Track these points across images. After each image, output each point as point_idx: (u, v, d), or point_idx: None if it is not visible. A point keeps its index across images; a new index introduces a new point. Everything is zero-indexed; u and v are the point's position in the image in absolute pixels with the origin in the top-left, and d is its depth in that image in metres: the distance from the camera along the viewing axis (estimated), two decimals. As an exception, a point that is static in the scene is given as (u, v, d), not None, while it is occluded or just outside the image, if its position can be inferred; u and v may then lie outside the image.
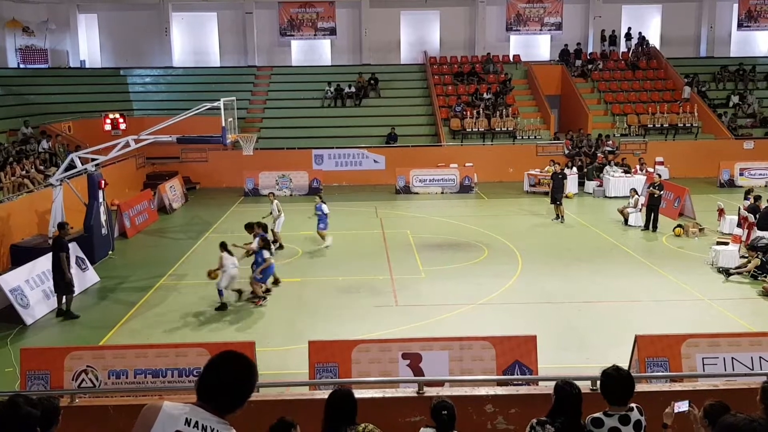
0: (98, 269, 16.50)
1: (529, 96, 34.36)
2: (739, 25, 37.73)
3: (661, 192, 20.32)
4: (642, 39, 36.61)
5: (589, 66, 35.36)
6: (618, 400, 4.94)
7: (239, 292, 14.49)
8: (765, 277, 14.87)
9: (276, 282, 15.29)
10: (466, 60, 36.33)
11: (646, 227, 20.21)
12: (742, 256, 16.08)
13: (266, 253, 14.40)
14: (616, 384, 4.94)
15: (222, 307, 13.87)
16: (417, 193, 27.32)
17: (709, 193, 25.06)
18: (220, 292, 13.94)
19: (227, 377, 3.22)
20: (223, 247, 14.26)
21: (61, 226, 14.28)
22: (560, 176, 22.02)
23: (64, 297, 13.72)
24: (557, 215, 21.71)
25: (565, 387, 5.03)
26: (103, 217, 18.06)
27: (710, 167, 28.17)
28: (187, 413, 3.12)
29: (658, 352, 8.89)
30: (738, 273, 15.37)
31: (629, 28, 37.01)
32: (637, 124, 31.58)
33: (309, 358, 8.82)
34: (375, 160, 29.62)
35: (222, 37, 36.85)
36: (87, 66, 36.06)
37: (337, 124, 31.98)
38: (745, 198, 18.69)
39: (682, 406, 4.89)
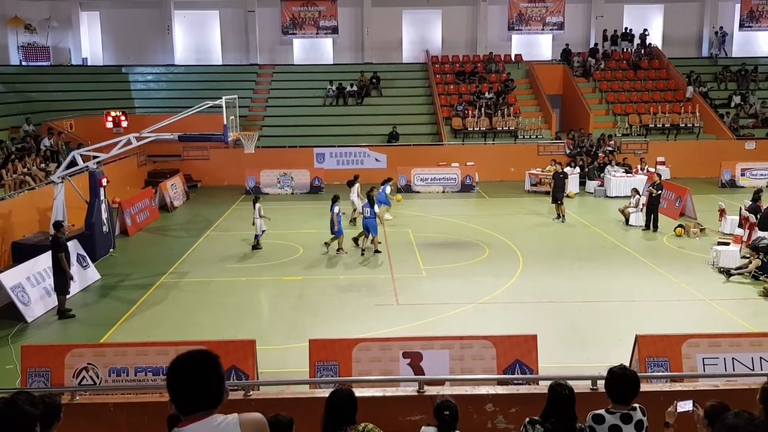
0: (99, 267, 16.51)
1: (530, 95, 34.34)
2: (741, 26, 37.68)
3: (660, 191, 20.29)
4: (644, 38, 36.55)
5: (596, 63, 35.29)
6: (622, 399, 4.95)
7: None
8: (766, 277, 14.85)
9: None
10: (468, 59, 36.32)
11: (647, 227, 20.20)
12: (743, 257, 16.07)
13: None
14: (621, 383, 4.96)
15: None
16: (418, 192, 27.33)
17: (711, 194, 25.04)
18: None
19: (201, 383, 3.11)
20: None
21: (57, 225, 14.14)
22: (561, 176, 22.02)
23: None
24: (558, 215, 21.70)
25: (557, 388, 5.07)
26: (104, 215, 18.08)
27: (712, 167, 28.14)
28: None
29: (658, 352, 8.89)
30: (739, 273, 15.36)
31: (627, 29, 36.94)
32: (638, 124, 31.56)
33: (309, 356, 8.83)
34: (376, 159, 29.62)
35: (224, 35, 36.86)
36: (89, 64, 36.09)
37: (339, 123, 31.98)
38: (753, 199, 18.57)
39: (685, 406, 4.88)
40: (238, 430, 3.11)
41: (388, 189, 21.77)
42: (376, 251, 17.79)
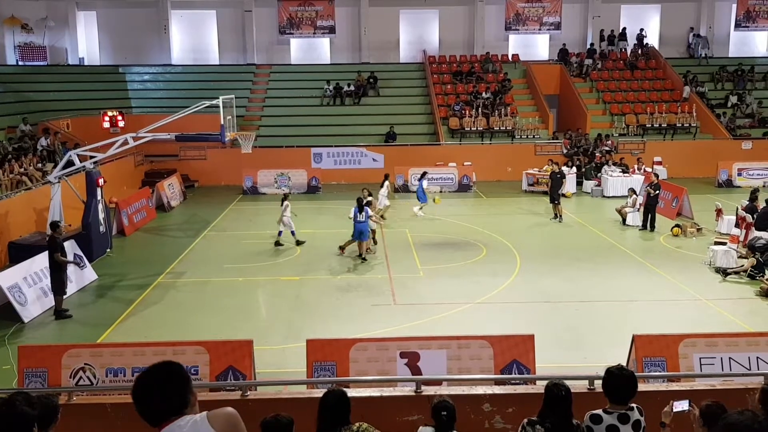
0: (96, 267, 16.48)
1: (527, 95, 34.38)
2: (737, 26, 37.73)
3: (657, 192, 20.31)
4: (641, 38, 36.60)
5: (593, 63, 35.33)
6: (619, 399, 4.97)
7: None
8: (762, 276, 14.89)
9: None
10: (465, 59, 36.33)
11: (644, 227, 20.22)
12: (740, 257, 16.09)
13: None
14: (619, 383, 4.98)
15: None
16: (416, 192, 27.28)
17: (707, 193, 25.06)
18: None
19: (166, 391, 3.19)
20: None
21: (54, 225, 14.07)
22: (558, 175, 22.03)
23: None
24: (555, 215, 21.72)
25: (553, 389, 5.07)
26: (101, 215, 18.04)
27: (708, 167, 28.19)
28: None
29: (655, 351, 8.90)
30: (735, 273, 15.39)
31: (625, 29, 37.00)
32: (635, 124, 31.61)
33: (307, 356, 8.82)
34: (374, 159, 29.63)
35: (221, 34, 36.81)
36: (86, 63, 36.02)
37: (336, 123, 31.98)
38: (750, 199, 18.61)
39: (681, 406, 4.89)
40: (206, 424, 3.14)
41: (425, 183, 22.83)
42: (364, 258, 17.15)
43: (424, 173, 23.51)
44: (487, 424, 6.65)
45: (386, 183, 21.87)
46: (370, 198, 18.80)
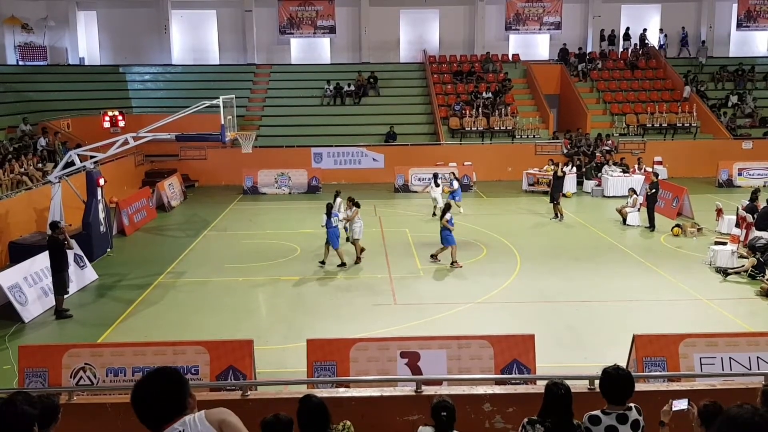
0: (96, 267, 16.49)
1: (528, 95, 34.37)
2: (738, 25, 37.73)
3: (654, 190, 20.28)
4: (643, 38, 36.58)
5: (588, 65, 35.33)
6: (617, 399, 4.96)
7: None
8: (762, 276, 14.88)
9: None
10: (466, 59, 36.32)
11: (651, 227, 20.10)
12: (741, 256, 16.09)
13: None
14: (615, 383, 4.97)
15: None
16: (416, 192, 27.31)
17: (708, 193, 25.06)
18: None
19: (166, 396, 3.31)
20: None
21: (54, 225, 14.03)
22: (560, 175, 22.02)
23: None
24: (556, 214, 21.72)
25: (553, 388, 5.07)
26: (101, 215, 18.05)
27: (709, 167, 28.19)
28: None
29: (655, 351, 8.90)
30: (736, 273, 15.39)
31: (627, 28, 37.01)
32: (635, 124, 31.60)
33: (307, 356, 8.82)
34: (374, 159, 29.63)
35: (221, 34, 36.82)
36: (86, 63, 36.04)
37: (336, 123, 31.98)
38: (751, 199, 18.59)
39: (679, 405, 4.89)
40: (205, 423, 3.26)
41: (455, 184, 22.93)
42: (342, 263, 16.63)
43: (452, 173, 24.27)
44: (487, 423, 6.65)
45: (440, 181, 22.60)
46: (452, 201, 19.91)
